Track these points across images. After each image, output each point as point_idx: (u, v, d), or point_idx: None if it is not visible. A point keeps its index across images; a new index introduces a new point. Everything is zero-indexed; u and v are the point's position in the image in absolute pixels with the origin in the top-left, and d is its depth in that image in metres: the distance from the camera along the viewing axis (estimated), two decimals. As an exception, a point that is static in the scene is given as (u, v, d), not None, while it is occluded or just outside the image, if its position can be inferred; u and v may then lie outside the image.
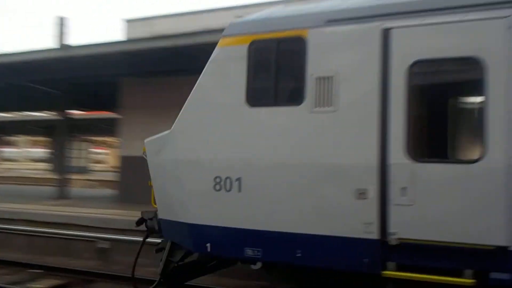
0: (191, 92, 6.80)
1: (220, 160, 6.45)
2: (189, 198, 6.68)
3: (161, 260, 7.33)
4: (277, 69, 6.28)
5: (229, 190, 6.34)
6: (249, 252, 6.30)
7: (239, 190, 6.28)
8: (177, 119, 6.90)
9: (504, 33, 5.18)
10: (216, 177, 6.44)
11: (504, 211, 5.06)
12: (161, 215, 7.22)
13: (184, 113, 6.83)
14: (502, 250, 5.10)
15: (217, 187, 6.43)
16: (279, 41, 6.27)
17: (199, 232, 6.61)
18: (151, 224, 7.49)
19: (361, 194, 5.67)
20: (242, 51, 6.44)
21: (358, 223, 5.68)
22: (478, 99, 5.50)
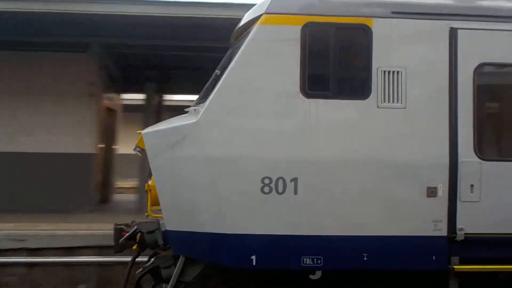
0: (225, 73, 5.62)
1: (270, 158, 5.53)
2: (225, 203, 5.53)
3: (158, 282, 5.91)
4: (338, 58, 5.71)
5: (282, 193, 5.51)
6: (307, 261, 5.61)
7: (295, 192, 5.52)
8: (205, 105, 5.60)
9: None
10: (264, 178, 5.50)
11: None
12: (173, 226, 5.77)
13: (218, 98, 5.60)
14: None
15: (266, 189, 5.50)
16: (340, 27, 5.71)
17: (239, 243, 5.55)
18: (151, 239, 5.90)
19: (432, 192, 5.67)
20: (294, 33, 5.63)
21: (428, 221, 5.68)
22: None
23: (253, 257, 5.55)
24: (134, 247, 6.41)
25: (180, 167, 5.64)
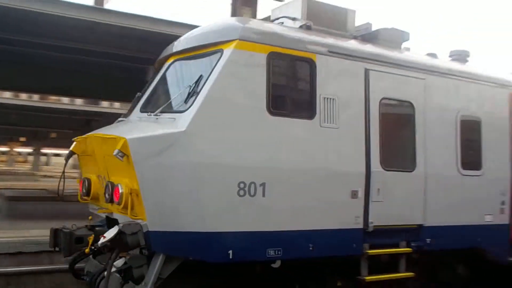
0: (206, 91, 6.34)
1: (244, 165, 6.43)
2: (207, 205, 6.22)
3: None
4: (292, 84, 6.97)
5: (254, 195, 6.46)
6: (271, 252, 6.63)
7: (263, 195, 6.53)
8: (191, 117, 6.20)
9: (425, 87, 8.13)
10: (240, 183, 6.38)
11: (421, 201, 7.95)
12: (156, 227, 6.13)
13: (202, 112, 6.26)
14: (420, 226, 7.96)
15: (241, 192, 6.39)
16: (293, 58, 6.96)
17: (220, 240, 6.28)
18: (134, 240, 6.09)
19: (355, 194, 7.30)
20: (262, 59, 6.70)
21: (352, 217, 7.28)
22: (412, 130, 8.15)
23: (230, 252, 6.35)
24: (87, 250, 6.57)
25: (166, 172, 6.14)
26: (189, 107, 6.36)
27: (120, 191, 6.30)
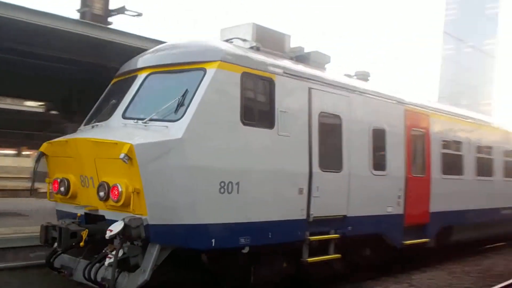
0: (197, 104, 7.46)
1: (224, 167, 7.69)
2: (197, 201, 7.37)
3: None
4: (258, 99, 8.33)
5: (231, 192, 7.75)
6: (242, 240, 7.95)
7: (238, 192, 7.84)
8: (185, 127, 7.28)
9: (349, 103, 9.99)
10: (221, 182, 7.63)
11: (346, 196, 9.80)
12: (155, 221, 7.12)
13: (194, 122, 7.37)
14: (344, 217, 9.81)
15: (222, 190, 7.64)
16: (258, 77, 8.36)
17: (206, 230, 7.47)
18: (137, 233, 6.98)
19: (301, 191, 8.89)
20: (237, 78, 7.99)
21: (299, 209, 8.86)
22: (340, 138, 9.90)
23: (213, 240, 7.58)
24: (82, 244, 7.40)
25: (165, 174, 7.20)
26: (181, 117, 7.45)
27: (120, 190, 7.20)
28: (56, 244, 7.86)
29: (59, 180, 8.41)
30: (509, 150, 16.42)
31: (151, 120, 7.64)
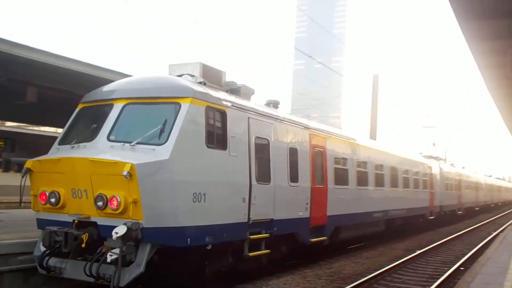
0: (177, 131, 9.45)
1: (197, 181, 9.77)
2: (178, 208, 9.37)
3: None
4: (216, 126, 10.49)
5: (200, 201, 9.84)
6: (207, 239, 10.06)
7: (205, 201, 9.95)
8: (171, 150, 9.23)
9: (273, 129, 12.56)
10: (194, 193, 9.71)
11: (273, 203, 12.29)
12: (149, 224, 8.95)
13: (176, 145, 9.36)
14: (271, 220, 12.29)
15: (194, 199, 9.71)
16: (216, 110, 10.56)
17: (184, 231, 9.48)
18: (135, 234, 8.74)
19: (244, 200, 11.20)
20: (202, 110, 10.13)
21: (243, 214, 11.17)
22: (268, 156, 12.32)
23: (188, 239, 9.61)
24: (83, 245, 9.03)
25: (157, 187, 9.12)
26: (165, 142, 9.42)
27: (119, 200, 8.98)
28: (55, 247, 9.36)
29: (47, 193, 9.83)
30: (378, 164, 20.22)
31: (138, 143, 9.49)
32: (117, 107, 10.17)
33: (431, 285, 12.47)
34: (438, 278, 13.36)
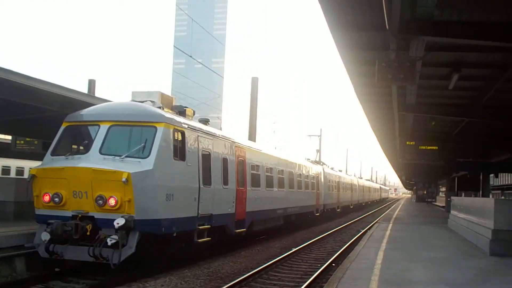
0: (157, 148, 12.75)
1: (168, 185, 13.17)
2: (158, 204, 12.80)
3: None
4: (179, 144, 13.83)
5: (170, 200, 13.20)
6: (174, 228, 13.40)
7: (173, 199, 13.28)
8: (153, 162, 12.54)
9: (212, 143, 16.15)
10: (166, 194, 13.11)
11: (212, 202, 15.83)
12: (139, 217, 12.27)
13: (156, 159, 12.71)
14: (211, 215, 15.80)
15: (167, 198, 13.09)
16: (179, 131, 13.91)
17: (160, 222, 12.83)
18: (130, 224, 12.02)
19: (195, 199, 14.65)
20: (170, 132, 13.48)
21: (195, 210, 14.63)
22: (209, 164, 15.75)
23: (163, 228, 12.92)
24: (88, 233, 12.10)
25: (144, 190, 12.42)
26: (148, 156, 12.71)
27: (116, 199, 12.18)
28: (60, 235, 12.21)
29: (51, 194, 12.72)
30: (280, 169, 24.55)
31: (126, 156, 12.68)
32: (103, 128, 13.22)
33: (306, 281, 12.99)
34: (312, 275, 14.00)
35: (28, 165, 45.68)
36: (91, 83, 48.08)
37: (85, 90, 36.04)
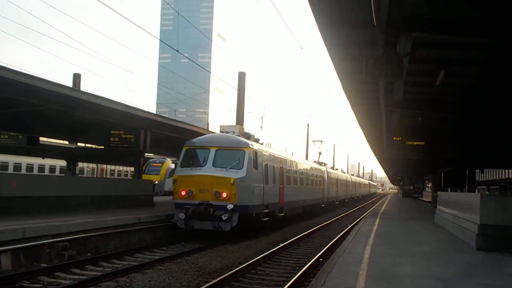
0: (246, 163, 20.72)
1: (252, 185, 21.12)
2: (248, 196, 20.68)
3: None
4: (255, 159, 21.78)
5: (253, 194, 21.03)
6: (254, 211, 21.13)
7: (254, 193, 21.22)
8: (245, 171, 20.54)
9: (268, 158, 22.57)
10: (252, 190, 20.96)
11: (278, 194, 24.38)
12: (239, 203, 19.92)
13: (246, 170, 20.61)
14: (277, 203, 22.97)
15: (251, 193, 20.96)
16: (254, 151, 21.47)
17: (249, 207, 20.61)
18: (234, 208, 19.95)
19: (262, 193, 22.33)
20: (251, 152, 21.33)
21: (261, 200, 22.54)
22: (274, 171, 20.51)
23: (249, 211, 20.63)
24: (211, 213, 20.09)
25: (242, 187, 20.40)
26: (242, 168, 20.53)
27: (227, 193, 19.95)
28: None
29: (186, 190, 20.27)
30: (300, 171, 32.32)
31: (230, 168, 20.43)
32: (212, 150, 20.94)
33: (293, 276, 12.89)
34: (300, 269, 13.90)
35: (13, 160, 45.33)
36: (76, 77, 47.81)
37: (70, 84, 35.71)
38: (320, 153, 61.69)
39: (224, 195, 19.80)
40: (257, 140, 24.59)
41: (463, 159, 30.30)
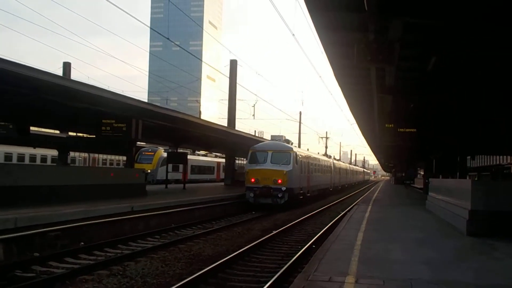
0: (292, 161, 32.02)
1: (295, 174, 32.63)
2: (294, 182, 32.39)
3: None
4: (296, 157, 32.90)
5: (296, 180, 31.66)
6: (296, 191, 32.80)
7: (296, 179, 31.96)
8: (291, 167, 31.74)
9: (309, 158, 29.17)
10: (295, 178, 31.45)
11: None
12: (289, 187, 31.38)
13: (292, 166, 31.74)
14: (305, 186, 28.78)
15: (295, 180, 31.70)
16: (295, 152, 33.30)
17: (294, 189, 31.97)
18: (285, 190, 31.32)
19: (300, 179, 32.07)
20: (295, 153, 32.76)
21: (299, 184, 33.38)
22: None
23: (294, 191, 31.65)
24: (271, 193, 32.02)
25: (291, 177, 31.77)
26: (289, 164, 31.53)
27: (281, 180, 30.92)
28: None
29: (254, 178, 31.18)
30: (317, 163, 42.99)
31: (281, 164, 31.34)
32: (270, 153, 31.70)
33: (287, 263, 13.06)
34: (293, 256, 14.00)
35: (4, 150, 45.09)
36: (66, 66, 47.41)
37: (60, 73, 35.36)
38: (326, 147, 77.18)
39: (279, 181, 30.65)
40: (288, 141, 36.58)
41: (455, 146, 30.44)
